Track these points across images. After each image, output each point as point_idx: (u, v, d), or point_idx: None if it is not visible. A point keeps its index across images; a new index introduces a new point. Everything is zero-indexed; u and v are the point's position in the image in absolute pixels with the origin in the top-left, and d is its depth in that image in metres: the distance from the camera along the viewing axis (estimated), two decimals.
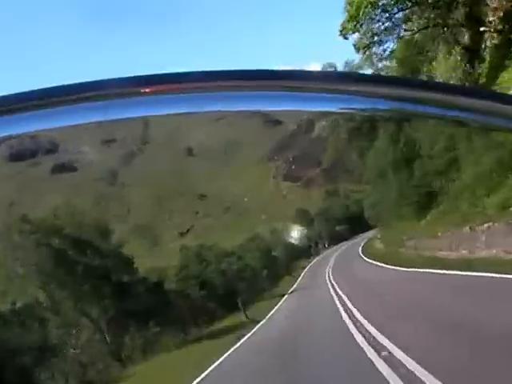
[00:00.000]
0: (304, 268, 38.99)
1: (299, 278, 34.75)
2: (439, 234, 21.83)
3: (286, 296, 28.39)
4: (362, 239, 45.53)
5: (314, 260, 43.25)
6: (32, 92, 1.03)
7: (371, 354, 8.67)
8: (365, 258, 32.18)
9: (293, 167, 54.61)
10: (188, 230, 38.83)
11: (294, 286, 31.79)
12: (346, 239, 49.40)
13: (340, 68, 39.02)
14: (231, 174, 47.59)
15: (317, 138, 63.28)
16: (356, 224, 48.86)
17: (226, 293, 28.27)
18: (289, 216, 47.85)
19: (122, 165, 52.44)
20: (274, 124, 63.06)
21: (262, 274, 33.94)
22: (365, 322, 11.92)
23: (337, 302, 17.37)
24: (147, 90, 1.05)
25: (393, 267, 22.89)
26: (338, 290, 20.31)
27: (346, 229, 51.16)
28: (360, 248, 39.36)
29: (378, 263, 26.36)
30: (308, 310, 19.52)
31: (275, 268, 36.95)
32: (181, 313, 25.53)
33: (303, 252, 44.12)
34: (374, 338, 9.76)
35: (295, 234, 44.89)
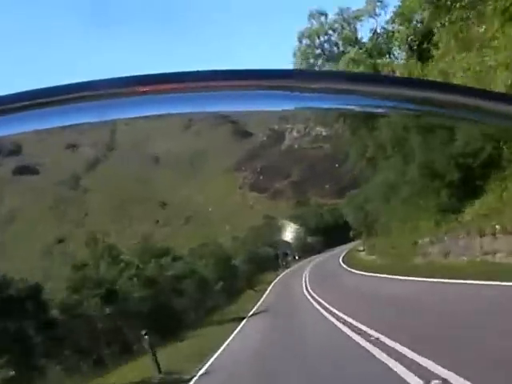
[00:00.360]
0: (270, 282, 33.71)
1: (265, 294, 28.20)
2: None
3: (245, 320, 19.74)
4: (340, 251, 41.23)
5: (283, 273, 39.32)
6: (26, 92, 0.89)
7: None
8: (349, 269, 28.17)
9: (260, 178, 53.61)
10: (146, 239, 36.78)
11: (258, 304, 24.35)
12: (319, 252, 45.50)
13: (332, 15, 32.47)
14: (197, 184, 46.65)
15: (287, 150, 62.64)
16: (331, 236, 44.71)
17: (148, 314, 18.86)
18: (255, 224, 46.15)
19: (86, 170, 52.85)
20: (242, 135, 62.71)
21: (215, 287, 26.72)
22: (390, 342, 8.38)
23: (332, 319, 12.74)
24: (144, 90, 0.89)
25: (392, 276, 19.03)
26: (328, 305, 15.15)
27: (320, 241, 47.07)
28: (341, 259, 35.70)
29: (373, 274, 21.95)
30: (284, 340, 12.54)
31: (234, 280, 31.09)
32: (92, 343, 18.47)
33: (270, 264, 40.40)
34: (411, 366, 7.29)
35: (261, 242, 42.63)
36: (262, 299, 26.16)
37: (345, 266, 31.02)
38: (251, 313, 21.31)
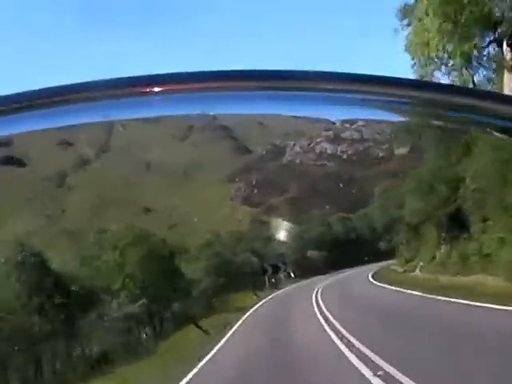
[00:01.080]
0: (245, 311, 21.83)
1: (223, 339, 16.30)
2: None
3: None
4: (359, 272, 31.75)
5: (269, 297, 28.60)
6: (31, 92, 1.03)
7: None
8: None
9: (255, 191, 51.60)
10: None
11: (217, 347, 14.61)
12: (323, 272, 34.28)
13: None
14: (186, 193, 45.43)
15: (286, 165, 60.91)
16: (340, 252, 34.51)
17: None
18: (238, 229, 40.56)
19: (74, 168, 50.72)
20: (242, 151, 61.85)
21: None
22: None
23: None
24: (147, 91, 1.03)
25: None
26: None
27: (324, 257, 36.13)
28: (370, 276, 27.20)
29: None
30: None
31: (185, 300, 21.27)
32: None
33: (250, 279, 30.46)
34: None
35: (241, 247, 33.54)
36: (222, 340, 14.79)
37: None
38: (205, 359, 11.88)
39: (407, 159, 69.53)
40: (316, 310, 17.64)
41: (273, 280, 32.57)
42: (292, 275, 34.19)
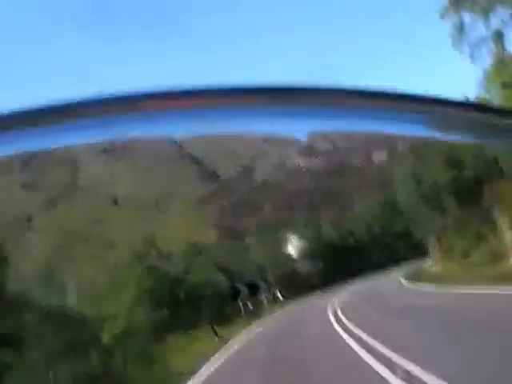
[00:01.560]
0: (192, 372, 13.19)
1: None
2: None
3: None
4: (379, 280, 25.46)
5: (245, 336, 17.53)
6: (38, 108, 1.01)
7: None
8: None
9: (228, 214, 50.31)
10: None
11: None
12: (319, 289, 26.70)
13: None
14: (155, 224, 43.68)
15: (258, 185, 59.83)
16: (338, 262, 27.72)
17: None
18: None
19: (39, 210, 49.48)
20: (210, 175, 61.35)
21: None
22: None
23: None
24: (151, 106, 1.04)
25: None
26: None
27: (319, 268, 28.02)
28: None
29: None
30: None
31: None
32: None
33: (216, 306, 21.37)
34: None
35: (205, 262, 25.80)
36: None
37: None
38: None
39: (386, 167, 68.82)
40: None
41: (249, 305, 23.77)
42: (280, 297, 26.85)
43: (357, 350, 9.67)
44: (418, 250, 30.91)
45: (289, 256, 29.74)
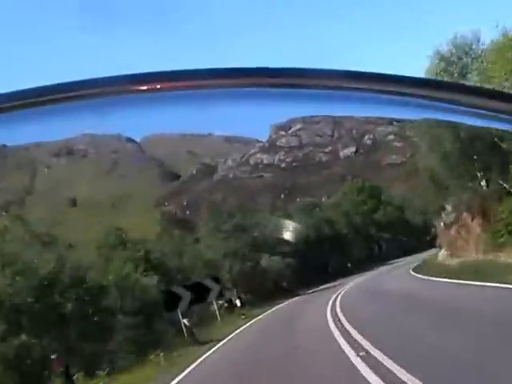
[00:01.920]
0: None
1: None
2: None
3: None
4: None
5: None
6: (29, 90, 1.00)
7: None
8: None
9: (187, 213, 49.82)
10: None
11: None
12: (291, 294, 21.55)
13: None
14: (114, 224, 43.21)
15: (219, 181, 59.50)
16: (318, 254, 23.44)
17: None
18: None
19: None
20: (170, 175, 60.86)
21: None
22: None
23: None
24: (145, 88, 1.01)
25: None
26: None
27: (292, 268, 23.33)
28: None
29: None
30: None
31: None
32: None
33: (135, 321, 17.02)
34: None
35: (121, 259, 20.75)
36: None
37: None
38: None
39: (354, 160, 68.73)
40: None
41: (188, 327, 16.37)
42: (237, 303, 20.82)
43: None
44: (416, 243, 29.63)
45: (251, 249, 23.54)
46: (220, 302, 20.29)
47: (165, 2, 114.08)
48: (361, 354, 8.42)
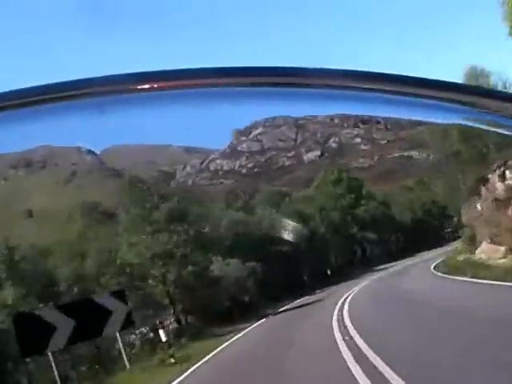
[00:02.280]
0: None
1: None
2: None
3: None
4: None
5: None
6: (29, 89, 1.01)
7: None
8: None
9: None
10: None
11: None
12: (255, 308, 17.36)
13: None
14: (70, 235, 42.85)
15: (176, 189, 58.67)
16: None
17: None
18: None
19: None
20: (137, 181, 60.54)
21: None
22: None
23: None
24: (144, 87, 1.02)
25: None
26: None
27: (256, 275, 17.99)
28: None
29: None
30: None
31: None
32: None
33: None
34: None
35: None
36: None
37: None
38: None
39: (319, 164, 67.17)
40: None
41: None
42: (161, 336, 13.84)
43: None
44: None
45: (196, 248, 17.87)
46: (134, 334, 13.26)
47: (165, 2, 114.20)
48: None
